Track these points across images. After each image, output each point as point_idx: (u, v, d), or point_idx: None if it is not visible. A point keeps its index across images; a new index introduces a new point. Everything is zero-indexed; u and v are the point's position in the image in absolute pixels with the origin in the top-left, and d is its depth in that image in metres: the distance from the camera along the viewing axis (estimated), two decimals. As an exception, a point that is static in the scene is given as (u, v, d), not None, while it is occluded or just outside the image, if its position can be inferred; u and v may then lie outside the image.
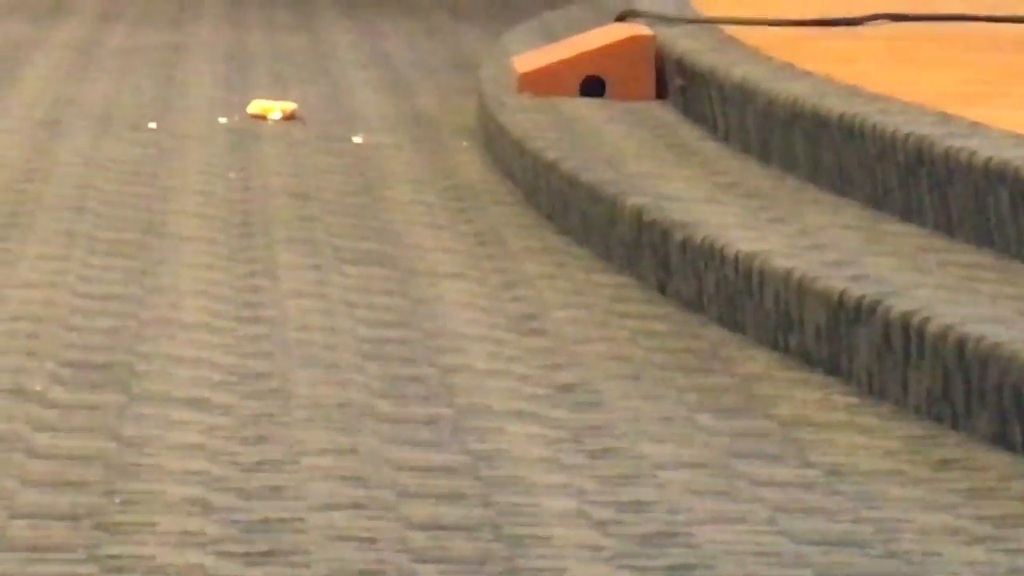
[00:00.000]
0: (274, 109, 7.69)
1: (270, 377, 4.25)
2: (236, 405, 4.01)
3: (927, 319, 4.17)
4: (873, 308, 4.30)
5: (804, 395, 4.26)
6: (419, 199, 6.48)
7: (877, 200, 5.48)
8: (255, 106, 7.75)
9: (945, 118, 5.38)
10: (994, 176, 4.86)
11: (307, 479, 3.37)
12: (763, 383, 4.35)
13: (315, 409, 3.97)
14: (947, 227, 5.17)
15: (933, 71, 6.46)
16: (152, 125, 7.57)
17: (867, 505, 3.25)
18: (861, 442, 3.78)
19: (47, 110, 7.81)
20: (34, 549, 2.65)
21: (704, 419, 3.98)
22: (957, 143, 5.06)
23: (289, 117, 7.63)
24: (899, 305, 4.25)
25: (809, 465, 3.57)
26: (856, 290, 4.40)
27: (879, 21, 7.41)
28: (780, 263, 4.68)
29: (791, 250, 4.87)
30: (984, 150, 4.95)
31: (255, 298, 5.23)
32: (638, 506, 3.24)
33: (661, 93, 7.05)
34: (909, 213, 5.29)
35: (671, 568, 2.77)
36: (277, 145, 7.31)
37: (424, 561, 2.76)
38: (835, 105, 5.71)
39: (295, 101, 7.91)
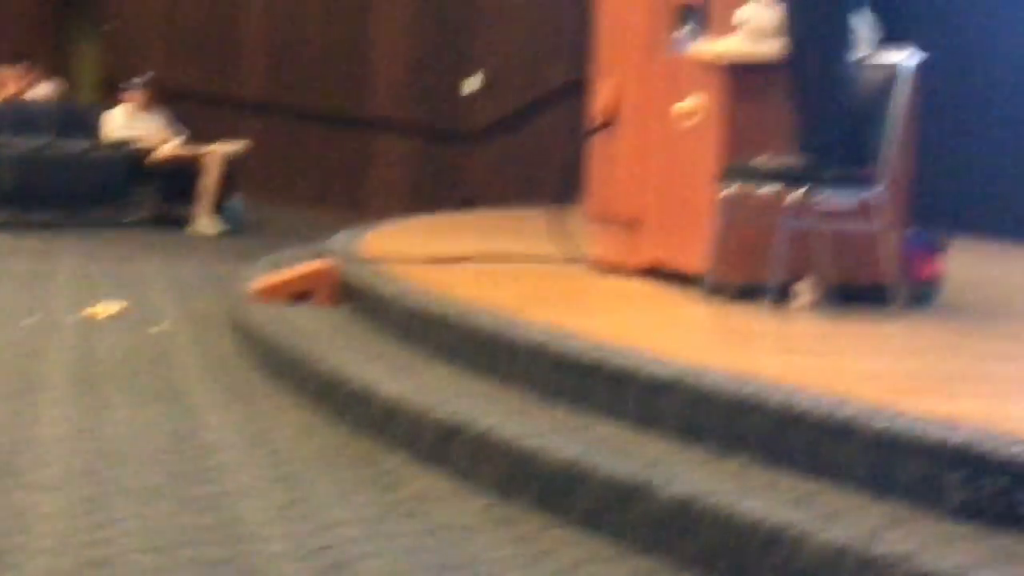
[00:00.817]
0: (110, 307, 8.00)
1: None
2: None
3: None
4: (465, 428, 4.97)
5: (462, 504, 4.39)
6: (192, 363, 6.81)
7: (471, 367, 5.69)
8: (92, 308, 7.97)
9: (507, 317, 5.74)
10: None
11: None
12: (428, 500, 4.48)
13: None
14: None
15: (502, 289, 6.78)
16: (25, 321, 7.68)
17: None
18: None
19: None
20: None
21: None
22: (519, 332, 5.41)
23: (113, 316, 7.90)
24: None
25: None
26: (458, 416, 4.89)
27: (473, 261, 7.80)
28: (409, 401, 5.17)
29: (418, 392, 5.28)
30: (528, 334, 5.38)
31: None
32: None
33: (343, 302, 7.31)
34: (506, 378, 5.44)
35: None
36: (107, 331, 7.59)
37: None
38: (442, 307, 6.16)
39: (118, 305, 8.14)
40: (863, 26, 6.22)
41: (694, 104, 6.39)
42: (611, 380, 4.82)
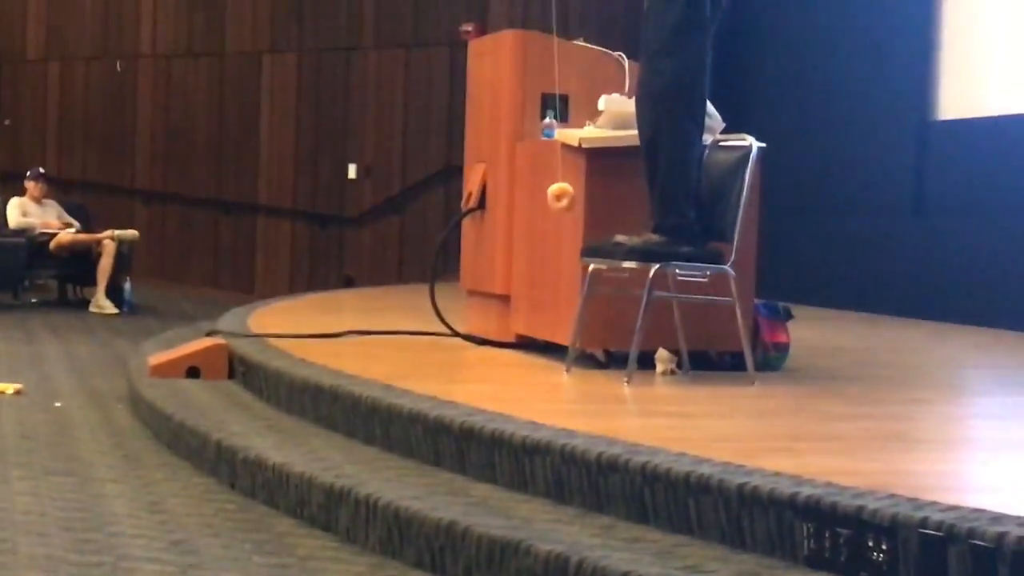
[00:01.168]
0: (9, 388, 7.75)
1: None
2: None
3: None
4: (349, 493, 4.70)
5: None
6: (91, 437, 6.59)
7: (353, 434, 5.67)
8: (0, 385, 7.76)
9: (387, 387, 5.68)
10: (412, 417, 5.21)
11: None
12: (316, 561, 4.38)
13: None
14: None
15: (382, 361, 6.73)
16: None
17: None
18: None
19: None
20: None
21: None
22: (398, 400, 5.37)
23: (18, 392, 7.72)
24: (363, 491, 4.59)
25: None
26: (342, 481, 4.78)
27: (354, 335, 7.85)
28: (296, 468, 5.05)
29: (304, 460, 5.19)
30: (407, 403, 5.31)
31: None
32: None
33: (232, 376, 7.33)
34: (387, 444, 5.39)
35: None
36: (11, 407, 7.36)
37: None
38: (326, 379, 6.07)
39: (21, 383, 7.94)
40: (710, 115, 6.29)
41: (565, 187, 6.38)
42: (486, 444, 4.77)
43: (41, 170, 14.57)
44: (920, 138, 11.28)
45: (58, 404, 7.50)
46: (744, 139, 6.24)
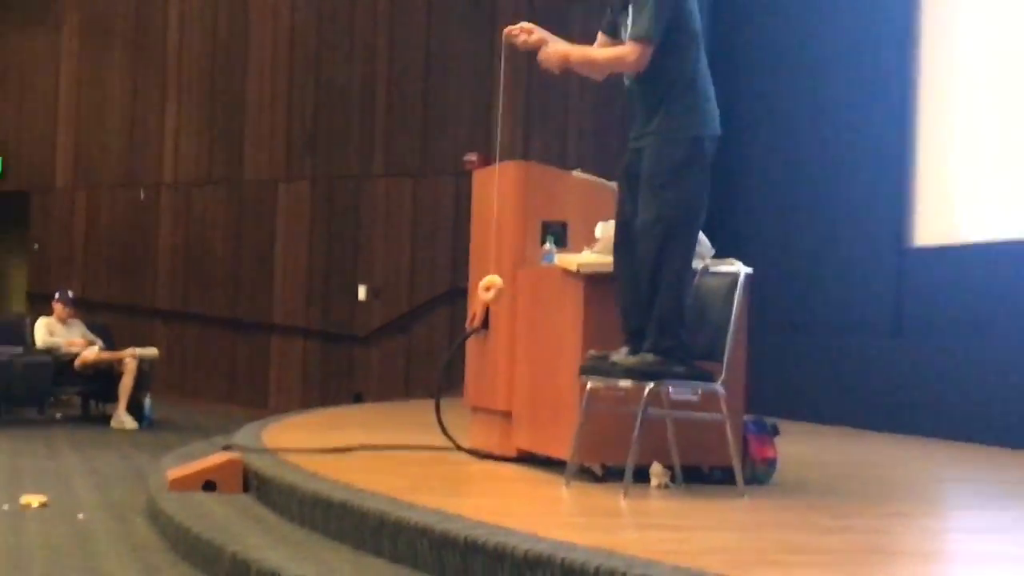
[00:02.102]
0: (35, 500, 7.71)
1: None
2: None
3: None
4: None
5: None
6: (111, 548, 6.55)
7: (362, 546, 5.57)
8: (24, 498, 7.74)
9: (393, 501, 5.61)
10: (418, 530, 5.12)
11: None
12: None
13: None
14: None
15: (389, 475, 6.64)
16: None
17: None
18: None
19: None
20: None
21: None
22: (404, 514, 5.29)
23: (43, 505, 7.66)
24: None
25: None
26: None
27: (363, 450, 7.77)
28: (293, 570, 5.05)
29: (315, 572, 5.13)
30: (414, 516, 5.27)
31: None
32: None
33: (247, 489, 7.23)
34: (394, 556, 5.31)
35: None
36: (36, 519, 7.33)
37: None
38: (336, 493, 6.00)
39: (46, 496, 7.87)
40: (700, 242, 6.34)
41: (495, 279, 6.49)
42: (490, 556, 4.72)
43: (69, 293, 14.60)
44: (898, 263, 11.36)
45: (81, 516, 7.47)
46: (733, 264, 6.28)
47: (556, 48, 6.31)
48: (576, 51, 6.32)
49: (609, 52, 6.28)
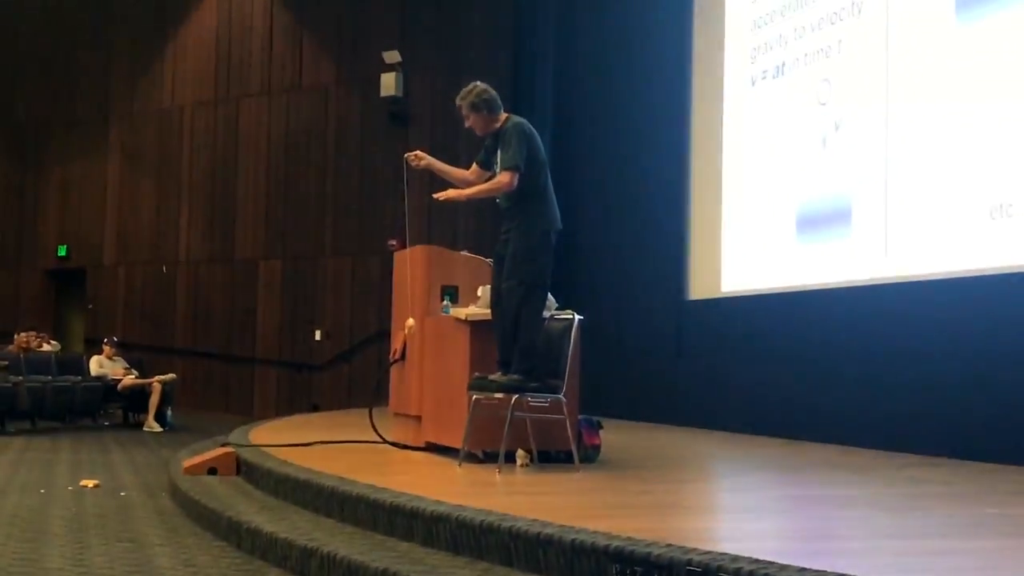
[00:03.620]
0: (90, 483, 7.49)
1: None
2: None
3: None
4: (316, 550, 4.45)
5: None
6: (144, 515, 6.25)
7: (320, 511, 5.25)
8: (82, 481, 7.53)
9: (341, 479, 5.29)
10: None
11: None
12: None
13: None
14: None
15: (338, 461, 6.25)
16: (41, 490, 7.21)
17: None
18: None
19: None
20: None
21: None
22: (349, 488, 5.01)
23: (96, 486, 7.43)
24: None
25: None
26: (312, 543, 4.43)
27: (319, 444, 7.36)
28: (281, 535, 4.67)
29: (286, 529, 4.81)
30: (356, 489, 5.01)
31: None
32: None
33: (239, 472, 6.94)
34: (342, 517, 4.99)
35: None
36: (91, 496, 7.09)
37: None
38: (300, 474, 5.77)
39: (98, 479, 7.71)
40: (549, 299, 6.34)
41: (411, 322, 6.47)
42: (407, 515, 4.63)
43: (114, 338, 14.52)
44: (678, 309, 11.40)
45: (123, 493, 7.23)
46: (570, 313, 6.29)
47: (453, 191, 6.23)
48: (467, 190, 6.23)
49: (491, 184, 6.22)
